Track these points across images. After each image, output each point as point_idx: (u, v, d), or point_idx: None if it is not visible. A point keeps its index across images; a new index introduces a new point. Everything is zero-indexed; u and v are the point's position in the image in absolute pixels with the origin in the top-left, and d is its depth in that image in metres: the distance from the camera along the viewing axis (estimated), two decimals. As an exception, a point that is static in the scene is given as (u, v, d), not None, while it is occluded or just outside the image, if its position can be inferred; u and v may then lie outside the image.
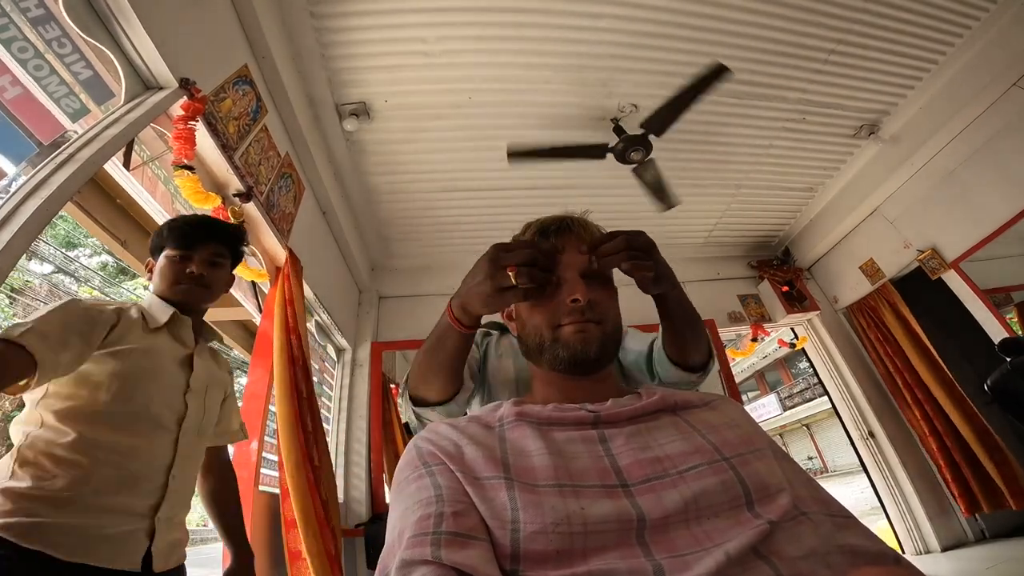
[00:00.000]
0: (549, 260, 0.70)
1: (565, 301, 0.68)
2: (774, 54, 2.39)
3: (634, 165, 2.52)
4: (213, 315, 2.97)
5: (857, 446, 3.37)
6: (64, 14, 1.05)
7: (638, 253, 0.70)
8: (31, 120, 1.05)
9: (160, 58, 1.24)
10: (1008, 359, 2.44)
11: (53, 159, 1.04)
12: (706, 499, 0.50)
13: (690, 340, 0.84)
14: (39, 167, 1.03)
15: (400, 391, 0.87)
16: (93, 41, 1.13)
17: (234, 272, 1.72)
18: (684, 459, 0.54)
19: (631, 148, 2.42)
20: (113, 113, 1.18)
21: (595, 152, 2.48)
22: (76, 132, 1.13)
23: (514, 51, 2.21)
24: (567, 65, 2.30)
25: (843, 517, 0.51)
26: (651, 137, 2.42)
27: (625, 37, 2.20)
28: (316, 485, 1.71)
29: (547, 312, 0.69)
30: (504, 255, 0.66)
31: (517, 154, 2.39)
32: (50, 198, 0.99)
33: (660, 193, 2.73)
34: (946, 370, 2.92)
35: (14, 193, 0.98)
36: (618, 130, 2.48)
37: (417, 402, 0.82)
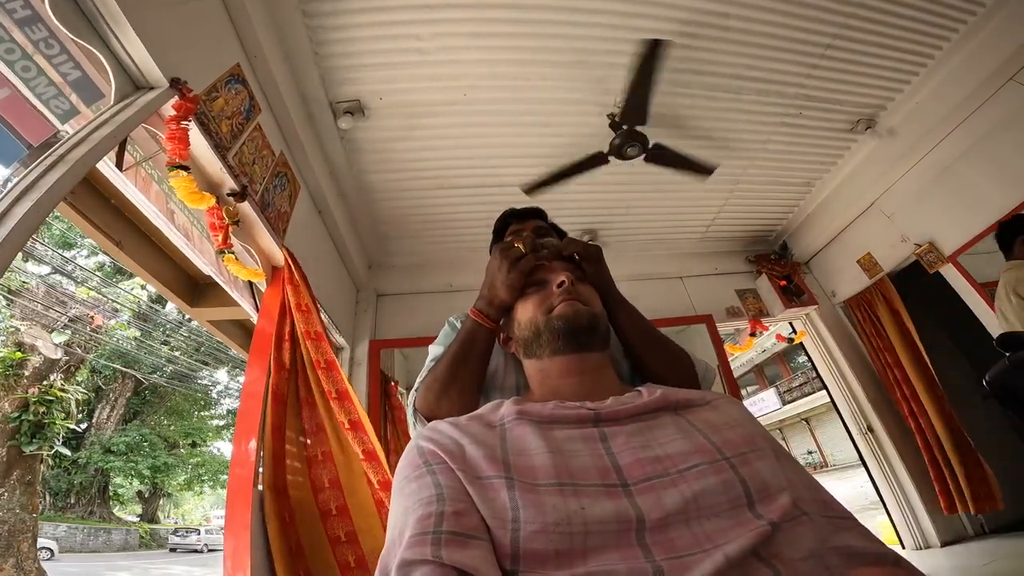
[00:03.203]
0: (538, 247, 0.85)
1: (553, 289, 0.77)
2: (771, 49, 2.38)
3: (632, 160, 2.51)
4: (211, 314, 2.97)
5: (856, 441, 3.38)
6: (51, 15, 1.03)
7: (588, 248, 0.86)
8: (20, 122, 1.04)
9: (150, 58, 1.23)
10: (1007, 354, 2.43)
11: (44, 160, 1.03)
12: (706, 499, 0.50)
13: (657, 357, 0.84)
14: (30, 168, 1.02)
15: (409, 416, 0.87)
16: (81, 42, 1.11)
17: (230, 270, 1.73)
18: (684, 458, 0.54)
19: (627, 144, 2.41)
20: (103, 114, 1.17)
21: (597, 161, 2.55)
22: (67, 132, 1.12)
23: (509, 47, 2.20)
24: (563, 61, 2.28)
25: (843, 518, 0.51)
26: (641, 128, 2.40)
27: (621, 33, 2.19)
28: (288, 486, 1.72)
29: (539, 301, 0.77)
30: (506, 240, 0.85)
31: (532, 188, 2.62)
32: (41, 200, 0.98)
33: (692, 166, 2.71)
34: (930, 367, 2.93)
35: (5, 194, 0.97)
36: (614, 126, 2.47)
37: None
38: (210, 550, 16.10)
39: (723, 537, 0.46)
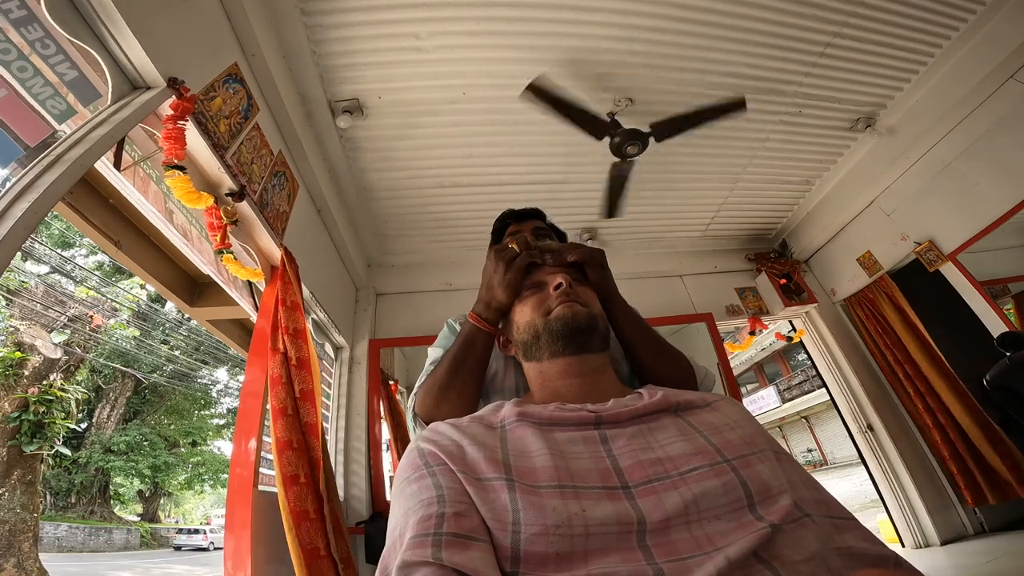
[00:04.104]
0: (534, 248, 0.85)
1: (551, 291, 0.77)
2: (770, 47, 2.37)
3: (628, 159, 2.51)
4: (211, 314, 2.97)
5: (856, 439, 3.38)
6: (47, 15, 1.03)
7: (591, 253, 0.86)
8: (17, 122, 1.03)
9: (147, 58, 1.22)
10: (1007, 354, 2.42)
11: (41, 160, 1.03)
12: (707, 501, 0.50)
13: (658, 361, 0.85)
14: (28, 168, 1.01)
15: (409, 419, 0.88)
16: (77, 42, 1.11)
17: (229, 270, 1.73)
18: (685, 460, 0.54)
19: (628, 142, 2.41)
20: (100, 114, 1.16)
21: (596, 127, 2.42)
22: (64, 133, 1.11)
23: (508, 46, 2.19)
24: (561, 60, 2.28)
25: (844, 519, 0.51)
26: (651, 138, 2.40)
27: (620, 31, 2.18)
28: (315, 479, 1.69)
29: (537, 304, 0.77)
30: (500, 244, 0.86)
31: (536, 90, 2.22)
32: (39, 200, 0.97)
33: (614, 195, 2.72)
34: (945, 362, 2.91)
35: (4, 194, 0.96)
36: (613, 124, 2.47)
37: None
38: (216, 548, 16.20)
39: (724, 539, 0.46)
